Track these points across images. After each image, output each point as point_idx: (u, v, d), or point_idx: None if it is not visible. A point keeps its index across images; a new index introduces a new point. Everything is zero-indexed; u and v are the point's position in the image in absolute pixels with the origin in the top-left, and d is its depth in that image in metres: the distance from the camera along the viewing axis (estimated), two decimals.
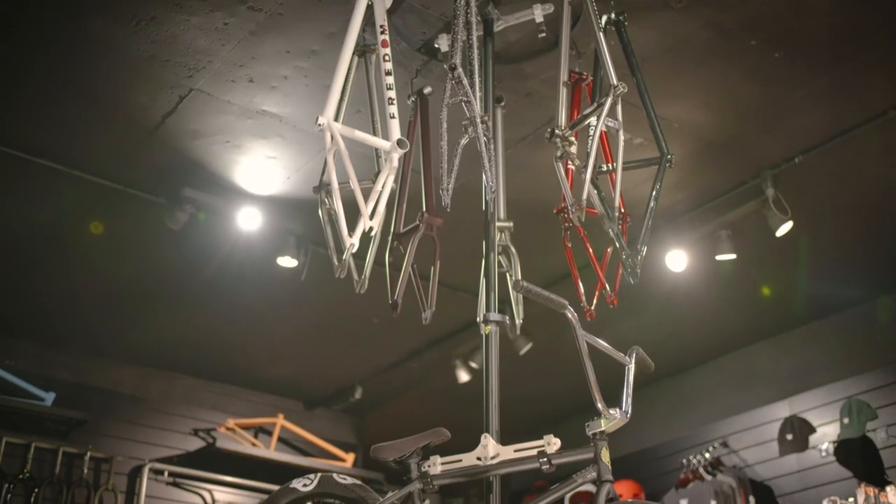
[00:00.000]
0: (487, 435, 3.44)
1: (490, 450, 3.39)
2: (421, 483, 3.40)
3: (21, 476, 7.34)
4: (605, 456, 3.17)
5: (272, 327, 7.82)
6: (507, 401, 3.76)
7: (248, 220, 6.19)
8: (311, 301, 7.28)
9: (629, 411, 3.24)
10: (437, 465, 3.42)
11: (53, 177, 5.89)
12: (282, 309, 7.50)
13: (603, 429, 3.18)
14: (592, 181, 3.96)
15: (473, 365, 7.89)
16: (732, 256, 6.34)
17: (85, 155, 5.80)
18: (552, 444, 3.27)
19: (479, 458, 3.39)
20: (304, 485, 3.54)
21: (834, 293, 7.29)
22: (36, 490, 7.35)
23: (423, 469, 3.41)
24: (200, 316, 7.61)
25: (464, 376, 7.98)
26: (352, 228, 3.76)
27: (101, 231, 6.96)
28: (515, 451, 3.36)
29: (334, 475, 3.54)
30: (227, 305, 7.44)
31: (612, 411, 3.18)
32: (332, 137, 3.74)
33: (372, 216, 3.76)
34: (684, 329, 7.74)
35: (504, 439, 3.53)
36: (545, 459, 3.25)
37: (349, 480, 3.52)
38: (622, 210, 4.13)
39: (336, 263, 3.96)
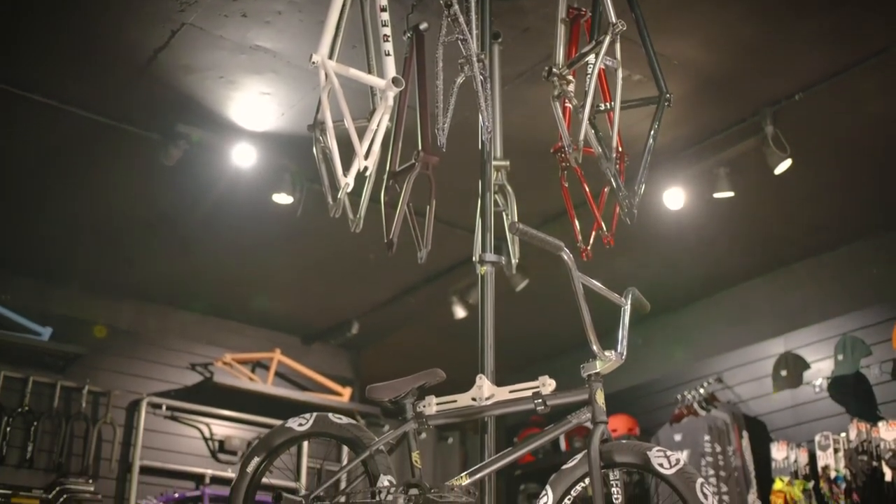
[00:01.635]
0: (482, 376, 3.45)
1: (485, 390, 3.40)
2: (416, 423, 3.41)
3: (20, 409, 7.40)
4: (600, 397, 3.18)
5: (268, 263, 7.82)
6: (504, 336, 3.76)
7: (243, 157, 6.15)
8: (307, 237, 7.27)
9: (624, 353, 3.25)
10: (432, 405, 3.43)
11: (46, 112, 5.83)
12: (278, 245, 7.49)
13: (598, 370, 3.19)
14: (590, 120, 3.92)
15: (470, 301, 7.90)
16: (730, 194, 6.31)
17: (77, 90, 5.73)
18: (547, 384, 3.29)
19: (474, 399, 3.40)
20: (300, 424, 3.55)
21: (830, 231, 7.28)
22: (35, 423, 7.41)
23: (418, 409, 3.42)
24: (197, 251, 7.60)
25: (460, 312, 7.99)
26: (347, 167, 3.72)
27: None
28: (510, 391, 3.37)
29: (330, 415, 3.55)
30: (223, 241, 7.43)
31: (607, 353, 3.19)
32: (326, 75, 3.68)
33: (367, 156, 3.71)
34: (681, 266, 7.75)
35: (501, 374, 3.55)
36: (540, 401, 3.26)
37: (344, 420, 3.53)
38: (620, 149, 4.09)
39: (331, 203, 3.93)
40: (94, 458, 7.60)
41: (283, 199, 6.48)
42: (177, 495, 7.86)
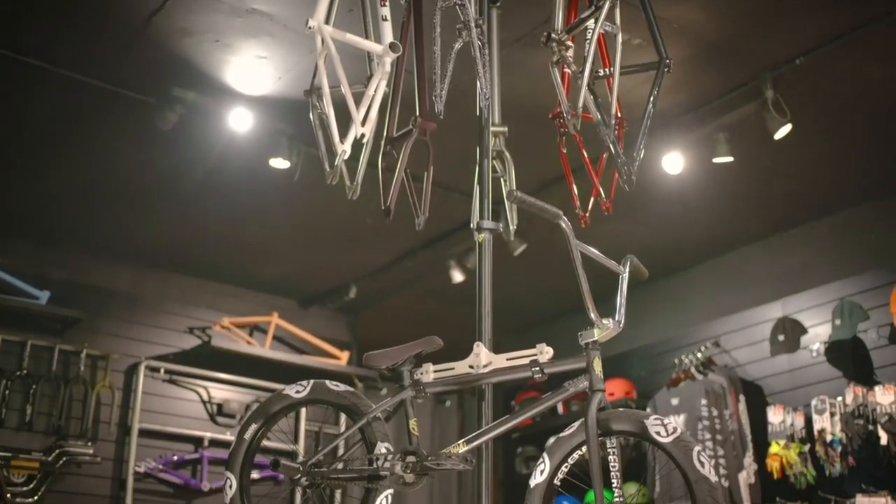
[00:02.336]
0: (480, 343, 3.44)
1: (482, 358, 3.40)
2: (413, 391, 3.42)
3: (18, 373, 7.41)
4: (598, 365, 3.19)
5: (266, 227, 7.80)
6: (503, 298, 3.74)
7: (240, 121, 6.11)
8: (304, 201, 7.25)
9: (622, 321, 3.25)
10: (429, 372, 3.44)
11: (42, 76, 5.79)
12: (275, 209, 7.47)
13: (596, 338, 3.19)
14: (589, 86, 3.89)
15: (468, 265, 7.89)
16: (729, 159, 6.29)
17: (72, 54, 5.68)
18: (544, 352, 3.29)
19: (471, 367, 3.40)
20: (297, 391, 3.57)
21: (829, 196, 7.26)
22: (34, 386, 7.43)
23: (415, 377, 3.43)
24: (194, 215, 7.58)
25: (458, 277, 7.99)
26: (343, 134, 3.69)
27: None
28: (507, 359, 3.37)
29: (327, 382, 3.56)
30: (221, 205, 7.40)
31: (604, 321, 3.19)
32: (322, 41, 3.65)
33: (364, 122, 3.68)
34: (679, 231, 7.74)
35: (499, 336, 3.55)
36: (537, 368, 3.27)
37: (342, 387, 3.54)
38: (619, 115, 4.06)
39: (328, 170, 3.91)
40: (92, 421, 7.63)
41: (280, 163, 6.46)
42: (175, 458, 7.92)
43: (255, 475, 3.60)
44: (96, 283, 8.10)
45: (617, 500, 3.05)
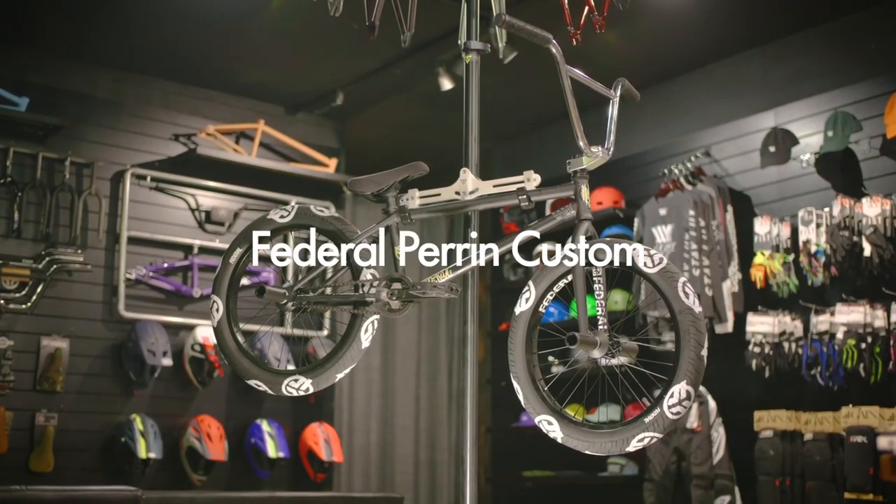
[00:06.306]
0: (466, 169, 3.40)
1: (469, 184, 3.37)
2: (399, 217, 3.40)
3: (2, 180, 7.35)
4: (585, 193, 3.16)
5: (249, 31, 7.56)
6: (492, 105, 3.63)
7: None
8: (288, 4, 7.00)
9: (612, 148, 3.20)
10: (415, 198, 3.42)
11: None
12: (259, 12, 7.21)
13: (584, 166, 3.15)
14: None
15: (456, 72, 7.72)
16: None
17: None
18: (532, 179, 3.26)
19: (457, 193, 3.38)
20: (282, 216, 3.55)
21: (829, 0, 7.04)
22: (19, 194, 7.38)
23: (401, 203, 3.40)
24: (174, 19, 7.31)
25: (447, 84, 7.82)
26: None
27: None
28: (495, 185, 3.34)
29: (312, 207, 3.55)
30: (202, 8, 7.14)
31: (593, 149, 3.14)
32: None
33: None
34: (673, 37, 7.52)
35: (489, 143, 3.50)
36: (524, 196, 3.23)
37: (326, 212, 3.53)
38: None
39: None
40: (81, 228, 7.61)
41: None
42: (166, 265, 7.97)
43: (245, 281, 3.63)
44: (76, 89, 7.89)
45: (601, 327, 3.09)
